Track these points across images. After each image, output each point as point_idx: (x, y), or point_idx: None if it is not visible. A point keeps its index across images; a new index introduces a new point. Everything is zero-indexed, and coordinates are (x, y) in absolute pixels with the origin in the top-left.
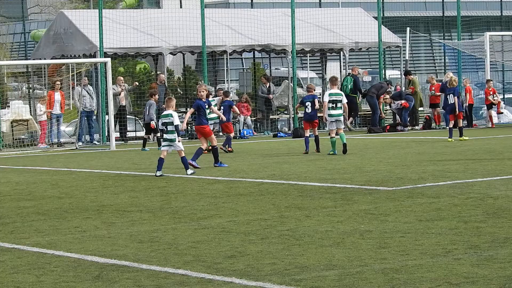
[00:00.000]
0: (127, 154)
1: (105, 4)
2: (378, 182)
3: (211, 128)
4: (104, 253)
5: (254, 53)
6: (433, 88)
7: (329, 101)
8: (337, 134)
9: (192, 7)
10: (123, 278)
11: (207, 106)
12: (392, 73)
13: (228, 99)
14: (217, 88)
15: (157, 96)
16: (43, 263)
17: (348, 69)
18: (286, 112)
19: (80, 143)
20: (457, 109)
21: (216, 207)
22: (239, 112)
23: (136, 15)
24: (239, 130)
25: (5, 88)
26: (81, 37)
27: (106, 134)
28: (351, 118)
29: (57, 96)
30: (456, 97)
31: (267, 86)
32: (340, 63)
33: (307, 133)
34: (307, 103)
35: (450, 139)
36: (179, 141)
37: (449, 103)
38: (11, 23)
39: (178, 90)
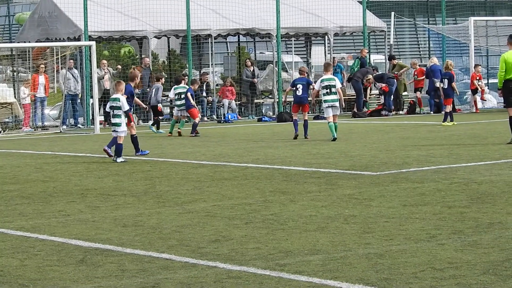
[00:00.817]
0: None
1: None
2: (363, 167)
3: (178, 115)
4: (88, 237)
5: (239, 37)
6: (415, 73)
7: (323, 87)
8: None
9: None
10: (107, 262)
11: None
12: (376, 58)
13: (191, 86)
14: (201, 72)
15: (163, 80)
16: (27, 246)
17: (334, 53)
18: (270, 96)
19: (65, 127)
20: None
21: (201, 192)
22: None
23: None
24: (224, 114)
25: None
26: (66, 20)
27: (91, 118)
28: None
29: (41, 79)
30: (453, 83)
31: (252, 70)
32: (325, 48)
33: (295, 116)
34: (298, 85)
35: (451, 123)
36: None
37: (445, 88)
38: None
39: (163, 73)
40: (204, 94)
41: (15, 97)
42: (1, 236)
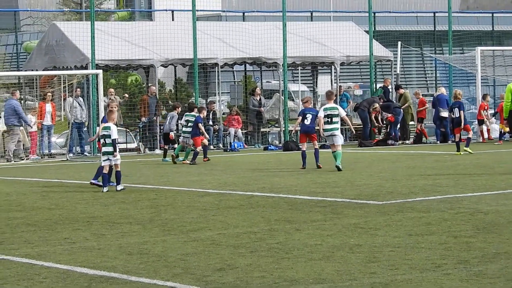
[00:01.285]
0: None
1: (97, 16)
2: (368, 196)
3: (185, 141)
4: (94, 265)
5: (245, 66)
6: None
7: (325, 116)
8: None
9: (184, 20)
10: None
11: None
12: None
13: (200, 114)
14: (208, 100)
15: (179, 109)
16: (32, 274)
17: (340, 82)
18: (277, 125)
19: (71, 155)
20: (462, 123)
21: (206, 220)
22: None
23: (128, 27)
24: (230, 143)
25: None
26: (73, 49)
27: (97, 146)
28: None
29: (48, 107)
30: (462, 111)
31: (258, 99)
32: (331, 77)
33: (304, 147)
34: (308, 115)
35: (458, 153)
36: (115, 156)
37: (455, 116)
38: (4, 34)
39: (170, 102)
40: (211, 122)
41: (21, 125)
42: (7, 263)
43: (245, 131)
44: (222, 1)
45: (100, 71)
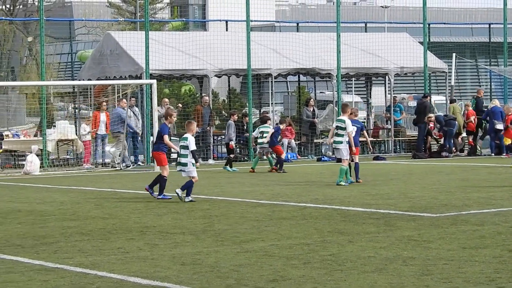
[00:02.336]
0: (171, 176)
1: (151, 26)
2: (422, 208)
3: (262, 152)
4: (147, 275)
5: (299, 76)
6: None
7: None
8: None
9: (238, 30)
10: None
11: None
12: (437, 99)
13: (280, 125)
14: (261, 111)
15: (236, 116)
16: (86, 283)
17: (394, 93)
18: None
19: (125, 164)
20: None
21: (259, 231)
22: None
23: (182, 37)
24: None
25: (51, 108)
26: (127, 59)
27: (151, 156)
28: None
29: (103, 116)
30: None
31: (312, 110)
32: (385, 88)
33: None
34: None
35: None
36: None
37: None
38: (58, 43)
39: (223, 112)
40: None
41: (76, 134)
42: (61, 272)
43: (298, 142)
44: (276, 12)
45: (154, 81)
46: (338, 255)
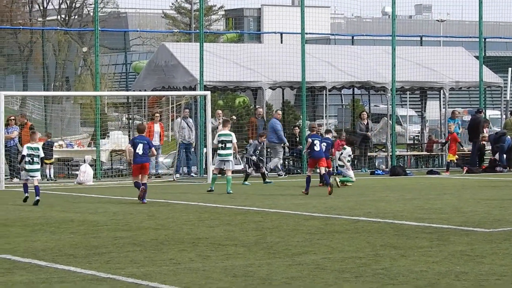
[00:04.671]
0: (224, 188)
1: (206, 38)
2: (475, 223)
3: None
4: (198, 286)
5: (353, 89)
6: None
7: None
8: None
9: (293, 43)
10: None
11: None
12: (492, 113)
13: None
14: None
15: (264, 138)
16: None
17: (449, 107)
18: (384, 149)
19: (178, 175)
20: None
21: (311, 244)
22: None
23: (237, 49)
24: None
25: (105, 118)
26: (182, 70)
27: (204, 167)
28: None
29: (157, 127)
30: None
31: (366, 123)
32: (440, 102)
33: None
34: (315, 141)
35: None
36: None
37: None
38: (113, 54)
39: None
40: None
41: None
42: (113, 283)
43: (352, 155)
44: (332, 25)
45: (208, 93)
46: (390, 269)
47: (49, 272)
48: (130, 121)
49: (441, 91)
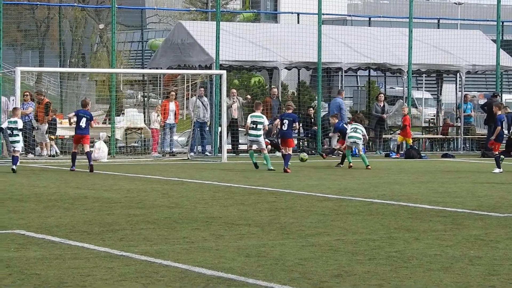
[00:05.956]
0: (238, 167)
1: (222, 17)
2: (490, 207)
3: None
4: (211, 265)
5: (369, 71)
6: None
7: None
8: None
9: (309, 23)
10: None
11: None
12: (508, 97)
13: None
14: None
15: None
16: (151, 272)
17: (465, 91)
18: (399, 132)
19: (192, 154)
20: None
21: (325, 225)
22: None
23: (253, 29)
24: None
25: (120, 95)
26: (198, 48)
27: (218, 146)
28: None
29: (172, 105)
30: None
31: (382, 105)
32: (456, 85)
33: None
34: (284, 120)
35: None
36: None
37: None
38: (130, 31)
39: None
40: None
41: (144, 122)
42: (126, 260)
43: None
44: (348, 6)
45: (224, 72)
46: (404, 252)
47: (63, 248)
48: (145, 98)
49: (458, 74)
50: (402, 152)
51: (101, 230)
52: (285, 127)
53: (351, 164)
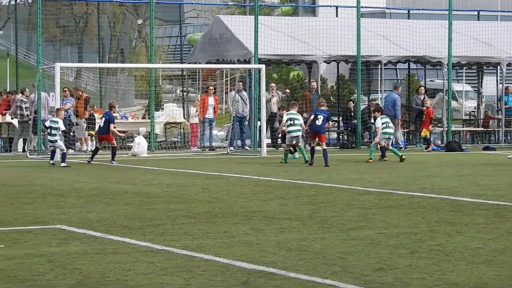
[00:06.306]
0: (278, 161)
1: (261, 11)
2: None
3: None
4: (252, 259)
5: (409, 64)
6: None
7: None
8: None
9: (348, 16)
10: (270, 286)
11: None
12: None
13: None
14: (369, 97)
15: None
16: (192, 266)
17: (506, 83)
18: (439, 125)
19: (232, 148)
20: None
21: (366, 219)
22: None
23: (292, 23)
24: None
25: (159, 90)
26: (237, 43)
27: (258, 140)
28: None
29: (211, 100)
30: None
31: (422, 98)
32: (497, 78)
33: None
34: (319, 116)
35: None
36: None
37: None
38: (168, 26)
39: (331, 98)
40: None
41: (184, 117)
42: (167, 255)
43: (407, 130)
44: None
45: (262, 66)
46: (445, 246)
47: (104, 243)
48: (184, 93)
49: (498, 66)
50: (435, 145)
51: (142, 225)
52: (319, 122)
53: (370, 159)
